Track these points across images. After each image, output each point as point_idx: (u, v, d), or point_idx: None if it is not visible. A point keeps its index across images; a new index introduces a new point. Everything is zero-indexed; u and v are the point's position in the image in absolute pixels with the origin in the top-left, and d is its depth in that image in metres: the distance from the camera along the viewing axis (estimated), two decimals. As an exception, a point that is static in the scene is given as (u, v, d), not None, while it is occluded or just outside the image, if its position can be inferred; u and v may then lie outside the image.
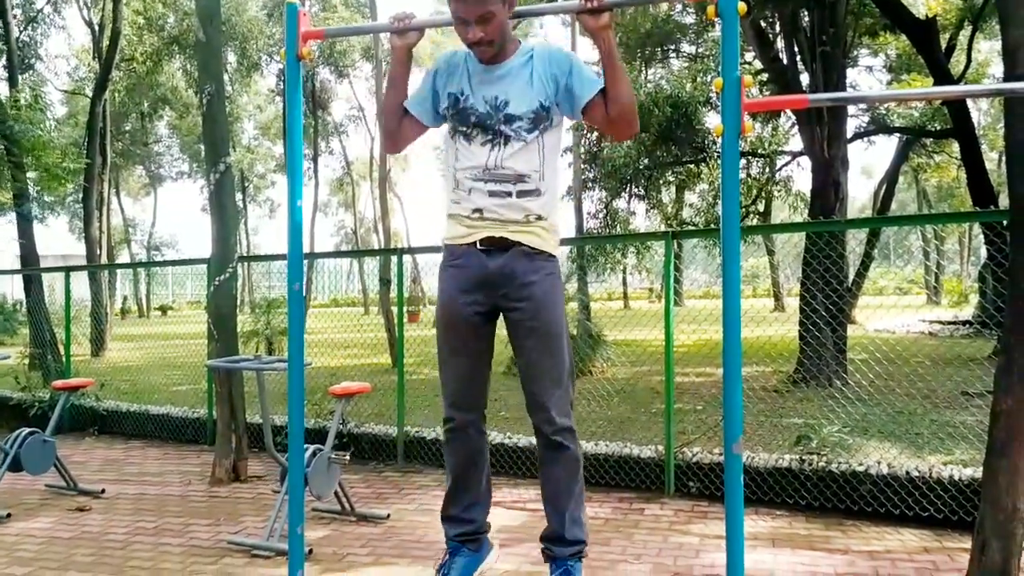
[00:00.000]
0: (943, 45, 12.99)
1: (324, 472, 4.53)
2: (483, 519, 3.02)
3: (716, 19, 2.20)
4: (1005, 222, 3.65)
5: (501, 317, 2.88)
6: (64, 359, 8.68)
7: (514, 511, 4.83)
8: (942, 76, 11.86)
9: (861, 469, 4.74)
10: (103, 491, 5.62)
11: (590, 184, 18.69)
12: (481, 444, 2.94)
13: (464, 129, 2.74)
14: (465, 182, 2.74)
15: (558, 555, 2.88)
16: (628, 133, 2.79)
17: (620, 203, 19.93)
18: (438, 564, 3.01)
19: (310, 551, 4.19)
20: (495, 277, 2.73)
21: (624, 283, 34.62)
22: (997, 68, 23.11)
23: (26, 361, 10.16)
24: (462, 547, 2.97)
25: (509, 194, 2.71)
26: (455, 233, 2.79)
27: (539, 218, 2.75)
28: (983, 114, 33.34)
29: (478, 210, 2.73)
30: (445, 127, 2.88)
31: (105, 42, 20.11)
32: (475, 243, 2.74)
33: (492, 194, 2.71)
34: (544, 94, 2.70)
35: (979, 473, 3.89)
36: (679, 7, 18.78)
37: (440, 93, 2.82)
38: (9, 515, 5.07)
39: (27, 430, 5.40)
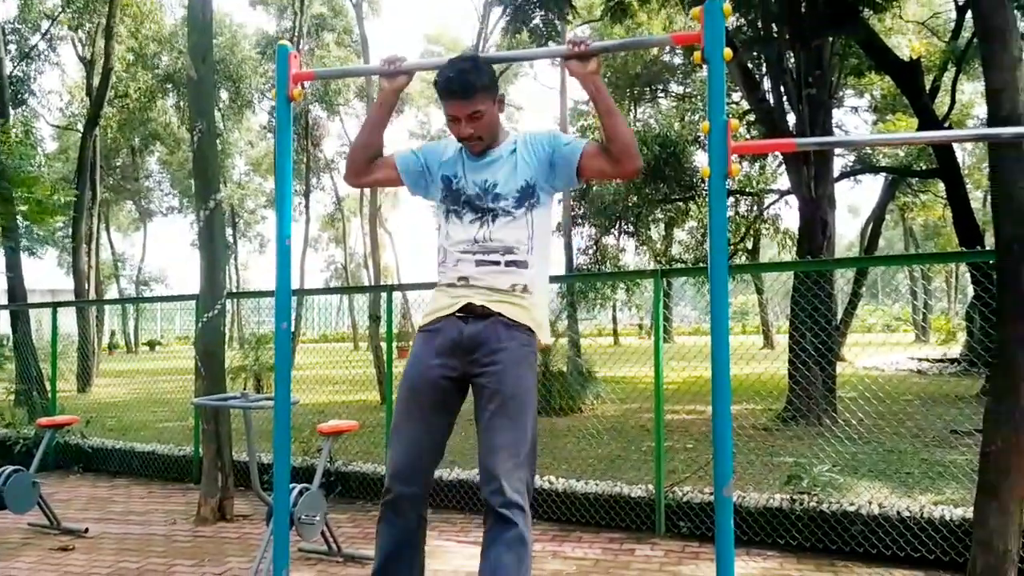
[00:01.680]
0: (927, 86, 13.18)
1: (309, 510, 4.48)
2: None
3: (702, 64, 2.24)
4: (992, 262, 3.69)
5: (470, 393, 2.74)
6: (50, 395, 8.60)
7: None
8: (927, 117, 12.02)
9: (852, 509, 4.72)
10: (86, 530, 5.53)
11: (579, 221, 18.81)
12: (419, 527, 2.68)
13: (455, 208, 2.76)
14: (453, 255, 2.74)
15: None
16: (633, 168, 2.70)
17: (610, 239, 20.06)
18: None
19: (296, 593, 4.14)
20: (468, 343, 2.64)
21: (614, 319, 34.64)
22: (981, 109, 23.45)
23: (11, 397, 10.06)
24: None
25: (497, 263, 2.69)
26: (437, 305, 2.74)
27: (525, 289, 2.70)
28: (968, 154, 33.71)
29: (464, 277, 2.70)
30: (437, 208, 2.89)
31: (97, 79, 20.22)
32: (454, 312, 2.68)
33: (480, 263, 2.70)
34: (529, 174, 2.72)
35: (970, 513, 3.88)
36: (667, 48, 19.03)
37: (433, 172, 2.85)
38: (-10, 555, 4.99)
39: (11, 468, 5.33)
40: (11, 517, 5.57)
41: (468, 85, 2.64)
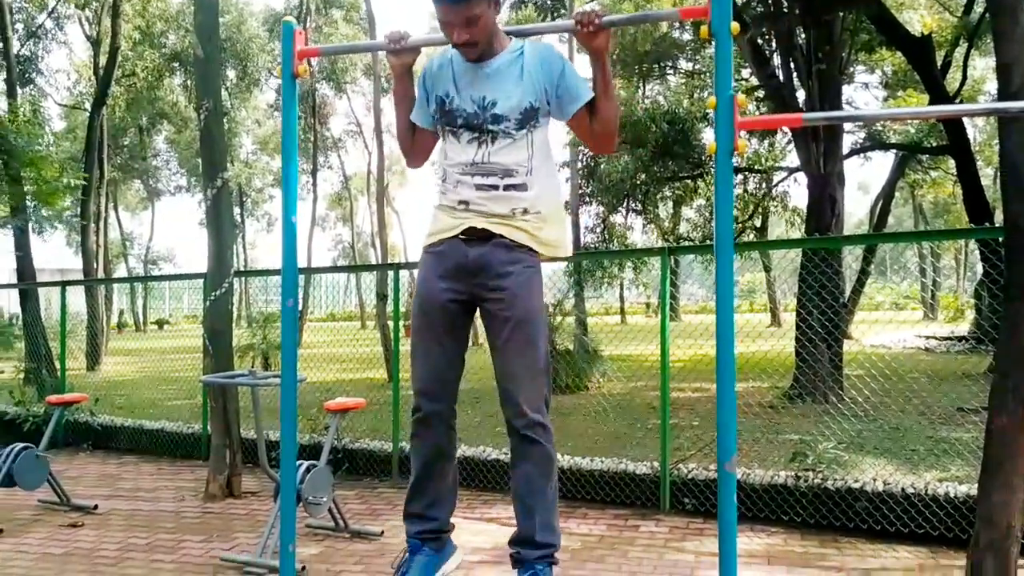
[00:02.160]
0: (939, 62, 13.05)
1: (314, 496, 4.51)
2: (446, 518, 2.86)
3: (710, 38, 2.22)
4: (1001, 239, 3.66)
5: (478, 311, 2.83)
6: (59, 373, 8.66)
7: (510, 527, 4.82)
8: (938, 93, 11.91)
9: (857, 486, 4.73)
10: (96, 507, 5.59)
11: (587, 199, 18.75)
12: (448, 438, 2.82)
13: (452, 129, 2.74)
14: (453, 175, 2.74)
15: (525, 558, 2.72)
16: (606, 149, 2.83)
17: (617, 218, 19.98)
18: (395, 563, 2.87)
19: (303, 568, 4.17)
20: (473, 266, 2.69)
21: (621, 298, 34.62)
22: (993, 84, 23.24)
23: (21, 375, 10.14)
24: (423, 546, 2.81)
25: (496, 187, 2.69)
26: (440, 226, 2.76)
27: (526, 212, 2.70)
28: (979, 130, 33.43)
29: (464, 202, 2.71)
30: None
31: (104, 58, 20.19)
32: (458, 235, 2.71)
33: (479, 187, 2.70)
34: (533, 94, 2.68)
35: (974, 490, 3.88)
36: (676, 25, 18.86)
37: (430, 96, 2.82)
38: (1, 531, 5.05)
39: (20, 445, 5.38)
40: (21, 494, 5.63)
41: None
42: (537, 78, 2.69)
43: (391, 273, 6.68)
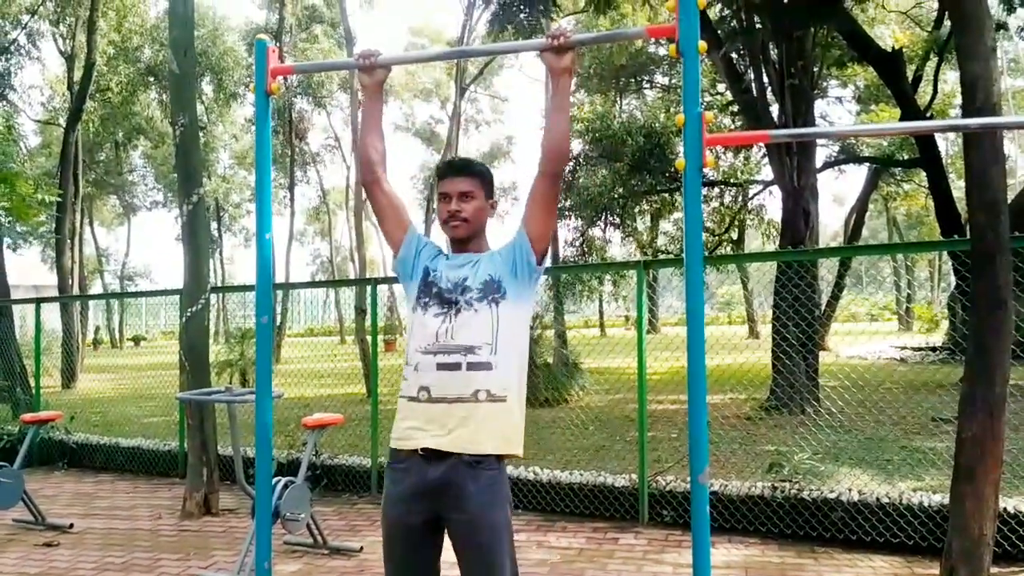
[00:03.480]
0: (910, 76, 13.25)
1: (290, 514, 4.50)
2: None
3: (678, 56, 2.26)
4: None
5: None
6: (34, 391, 8.57)
7: None
8: (909, 107, 12.08)
9: (833, 496, 4.77)
10: (71, 526, 5.53)
11: (566, 212, 18.83)
12: None
13: (425, 300, 2.72)
14: (414, 357, 2.67)
15: None
16: (555, 169, 2.70)
17: (596, 231, 20.08)
18: None
19: (281, 585, 4.16)
20: (433, 487, 2.59)
21: (600, 311, 34.71)
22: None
23: (-5, 393, 10.02)
24: None
25: (458, 366, 2.60)
26: (399, 435, 2.67)
27: (490, 396, 2.59)
28: (950, 143, 33.88)
29: (424, 388, 2.62)
30: (408, 300, 2.85)
31: (79, 73, 20.06)
32: (416, 450, 2.61)
33: (440, 367, 2.61)
34: (494, 269, 2.70)
35: (948, 499, 3.93)
36: (651, 41, 19.02)
37: (419, 260, 2.82)
38: (-26, 552, 4.99)
39: (-6, 464, 5.32)
40: (-5, 513, 5.57)
41: (467, 164, 2.79)
42: (500, 258, 2.73)
43: (369, 288, 6.68)
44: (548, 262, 2.79)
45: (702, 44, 2.24)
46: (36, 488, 6.49)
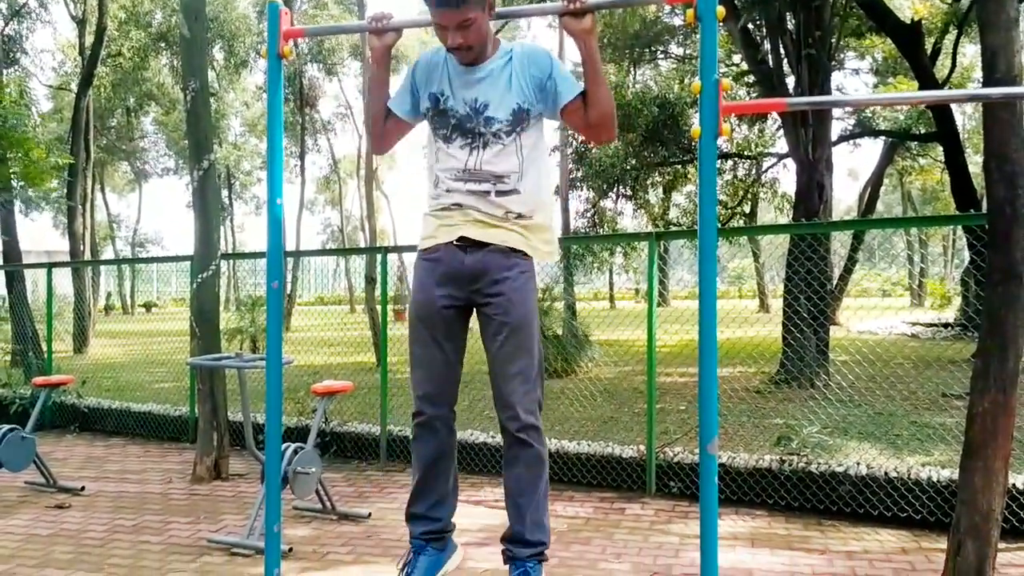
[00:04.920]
0: (928, 49, 13.08)
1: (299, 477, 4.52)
2: (448, 518, 2.97)
3: (695, 22, 2.22)
4: (986, 225, 3.69)
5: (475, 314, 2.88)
6: (46, 355, 8.63)
7: (496, 510, 4.84)
8: (927, 80, 11.94)
9: (840, 470, 4.77)
10: (83, 488, 5.59)
11: (578, 184, 18.74)
12: (450, 441, 2.89)
13: (444, 132, 2.76)
14: (444, 181, 2.77)
15: (517, 556, 2.82)
16: (605, 138, 2.79)
17: (607, 203, 19.98)
18: (401, 563, 2.95)
19: (289, 549, 4.19)
20: (469, 272, 2.73)
21: (610, 283, 34.65)
22: (981, 72, 23.30)
23: (7, 357, 10.10)
24: (426, 546, 2.91)
25: (488, 193, 2.72)
26: (433, 231, 2.80)
27: (520, 216, 2.75)
28: (967, 118, 33.50)
29: (457, 204, 2.75)
30: (427, 126, 2.88)
31: (90, 38, 20.00)
32: (451, 241, 2.74)
33: (471, 193, 2.73)
34: (522, 96, 2.70)
35: (957, 475, 3.92)
36: (667, 9, 18.80)
37: (420, 91, 2.82)
38: (-13, 512, 5.04)
39: (7, 427, 5.36)
40: (7, 475, 5.63)
41: None
42: (526, 79, 2.71)
43: (380, 256, 6.67)
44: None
45: (720, 9, 2.20)
46: (48, 451, 6.55)
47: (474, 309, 2.83)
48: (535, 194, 2.79)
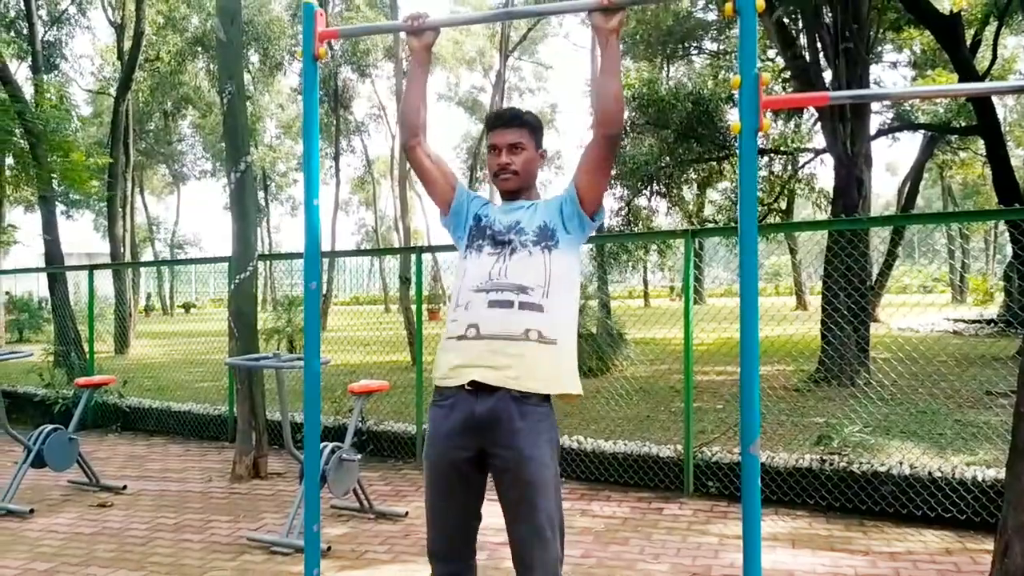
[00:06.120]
0: (968, 41, 12.82)
1: (339, 470, 4.55)
2: None
3: (734, 15, 2.18)
4: (1030, 220, 3.60)
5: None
6: (88, 356, 8.77)
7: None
8: (967, 72, 11.69)
9: (883, 469, 4.69)
10: (125, 487, 5.67)
11: (612, 182, 18.64)
12: None
13: (478, 243, 2.73)
14: (465, 295, 2.65)
15: None
16: (610, 131, 2.66)
17: (641, 201, 19.85)
18: None
19: (328, 548, 4.21)
20: (481, 421, 2.55)
21: (645, 281, 34.47)
22: (1023, 63, 22.84)
23: (51, 358, 10.27)
24: None
25: (510, 304, 2.58)
26: (446, 370, 2.64)
27: (541, 337, 2.56)
28: (1009, 111, 32.88)
29: (473, 326, 2.59)
30: (459, 245, 2.85)
31: (128, 43, 20.30)
32: (463, 385, 2.58)
33: (492, 304, 2.59)
34: (548, 217, 2.72)
35: (1003, 474, 3.84)
36: (700, 4, 18.67)
37: (467, 212, 2.84)
38: (32, 511, 5.13)
39: (51, 426, 5.46)
40: (51, 474, 5.73)
41: (516, 114, 2.78)
42: (550, 206, 2.76)
43: (414, 256, 6.69)
44: (604, 217, 2.79)
45: (760, 2, 2.16)
46: (90, 450, 6.66)
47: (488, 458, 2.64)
48: (560, 318, 2.63)
